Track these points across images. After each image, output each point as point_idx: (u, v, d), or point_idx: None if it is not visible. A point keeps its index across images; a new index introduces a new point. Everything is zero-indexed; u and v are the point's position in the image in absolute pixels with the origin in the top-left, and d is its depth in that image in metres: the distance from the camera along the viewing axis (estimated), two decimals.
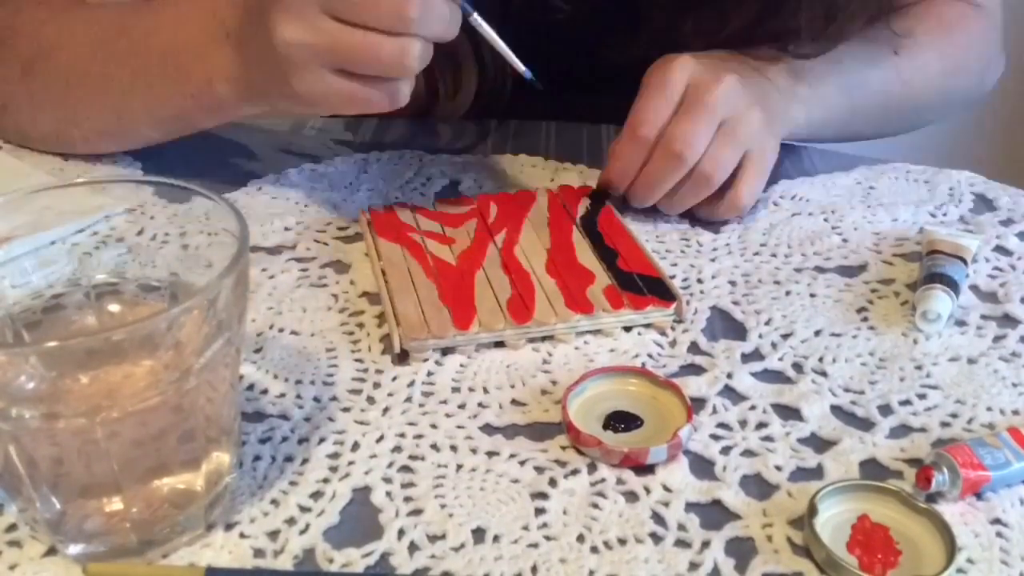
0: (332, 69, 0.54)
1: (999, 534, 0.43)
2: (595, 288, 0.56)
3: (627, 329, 0.55)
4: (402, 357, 0.53)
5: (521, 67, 0.60)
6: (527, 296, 0.55)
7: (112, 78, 0.65)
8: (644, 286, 0.56)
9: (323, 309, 0.57)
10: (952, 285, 0.56)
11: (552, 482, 0.45)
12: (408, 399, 0.50)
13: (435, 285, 0.56)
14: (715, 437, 0.48)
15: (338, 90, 0.54)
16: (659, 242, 0.63)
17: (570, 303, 0.54)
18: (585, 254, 0.59)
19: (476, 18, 0.58)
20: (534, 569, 0.41)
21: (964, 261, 0.58)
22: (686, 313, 0.56)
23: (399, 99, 0.56)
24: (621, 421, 0.48)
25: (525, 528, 0.43)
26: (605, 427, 0.48)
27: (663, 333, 0.55)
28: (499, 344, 0.54)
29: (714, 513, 0.44)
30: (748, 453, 0.47)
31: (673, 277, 0.59)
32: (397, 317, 0.53)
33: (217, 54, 0.60)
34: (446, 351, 0.53)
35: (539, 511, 0.44)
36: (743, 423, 0.49)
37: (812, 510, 0.42)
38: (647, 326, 0.55)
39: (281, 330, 0.55)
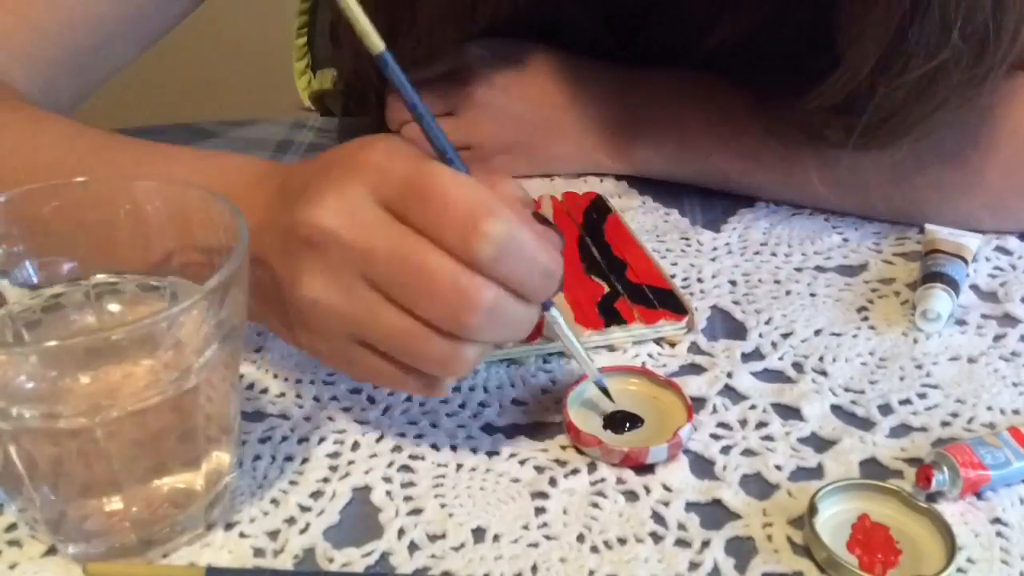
0: (359, 342, 0.43)
1: (999, 533, 0.43)
2: (605, 302, 0.55)
3: (656, 342, 0.54)
4: None
5: (594, 370, 0.48)
6: None
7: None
8: (655, 298, 0.55)
9: None
10: (952, 284, 0.56)
11: (552, 481, 0.45)
12: (408, 398, 0.50)
13: None
14: (715, 436, 0.48)
15: (364, 366, 0.43)
16: (659, 242, 0.63)
17: (580, 319, 0.54)
18: (593, 265, 0.59)
19: (554, 313, 0.46)
20: (534, 569, 0.41)
21: (964, 260, 0.58)
22: (698, 325, 0.55)
23: (437, 392, 0.44)
24: (622, 420, 0.48)
25: (525, 527, 0.43)
26: (605, 427, 0.48)
27: (673, 344, 0.54)
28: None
29: (714, 513, 0.44)
30: (748, 452, 0.47)
31: (673, 277, 0.59)
32: None
33: None
34: None
35: (539, 511, 0.44)
36: (743, 422, 0.49)
37: (812, 509, 0.42)
38: (658, 341, 0.54)
39: None
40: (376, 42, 0.40)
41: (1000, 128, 0.61)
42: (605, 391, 0.49)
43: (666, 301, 0.55)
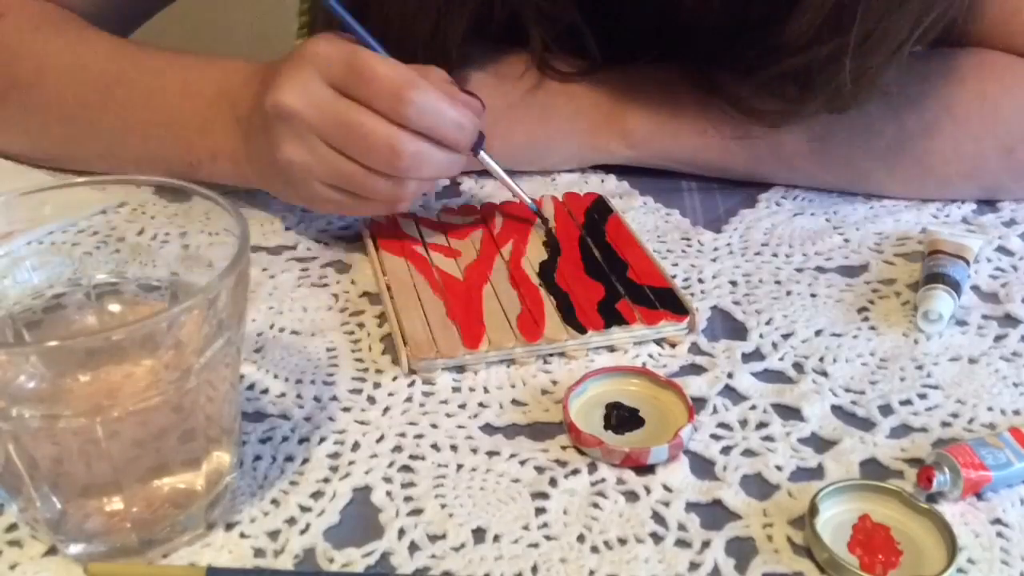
0: (330, 185, 0.55)
1: (1000, 534, 0.43)
2: (605, 302, 0.55)
3: (656, 343, 0.54)
4: (411, 374, 0.52)
5: (528, 200, 0.62)
6: (536, 312, 0.54)
7: (101, 124, 0.64)
8: (656, 299, 0.55)
9: (324, 309, 0.57)
10: (954, 285, 0.56)
11: (552, 482, 0.45)
12: (408, 399, 0.50)
13: (442, 302, 0.55)
14: (715, 437, 0.48)
15: (333, 200, 0.56)
16: (660, 242, 0.63)
17: (582, 319, 0.54)
18: (594, 266, 0.58)
19: (483, 156, 0.59)
20: (534, 569, 0.41)
21: (966, 261, 0.58)
22: (699, 326, 0.55)
23: (399, 209, 0.57)
24: (622, 414, 0.48)
25: (525, 528, 0.43)
26: (606, 423, 0.48)
27: (674, 345, 0.54)
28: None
29: (714, 513, 0.44)
30: (749, 453, 0.47)
31: (674, 277, 0.59)
32: (404, 336, 0.53)
33: (224, 134, 0.60)
34: (455, 368, 0.52)
35: (539, 511, 0.44)
36: (744, 423, 0.49)
37: (813, 510, 0.42)
38: (659, 341, 0.54)
39: (282, 330, 0.55)
40: None
41: (969, 98, 0.65)
42: (540, 214, 0.62)
43: (667, 302, 0.55)
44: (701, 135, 0.67)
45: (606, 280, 0.57)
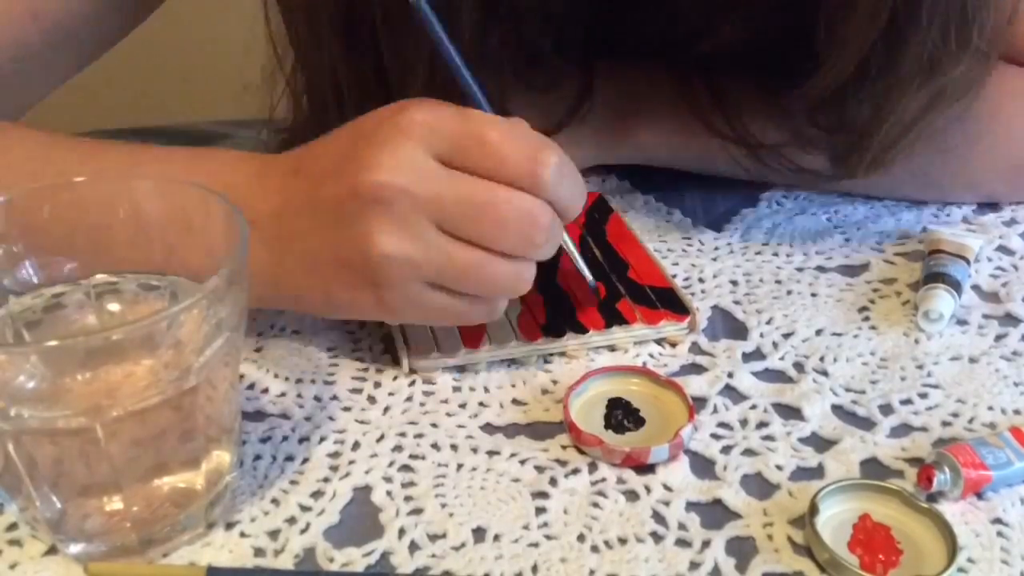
0: (433, 285, 0.46)
1: (1000, 534, 0.43)
2: (606, 302, 0.55)
3: (657, 343, 0.54)
4: (411, 373, 0.52)
5: (590, 278, 0.55)
6: (537, 311, 0.54)
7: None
8: (656, 299, 0.55)
9: None
10: (954, 285, 0.56)
11: (553, 481, 0.45)
12: (409, 398, 0.50)
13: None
14: (716, 436, 0.48)
15: (431, 306, 0.47)
16: (660, 241, 0.63)
17: (582, 318, 0.54)
18: (594, 265, 0.58)
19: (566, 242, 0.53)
20: (535, 568, 0.41)
21: (967, 261, 0.58)
22: (700, 326, 0.55)
23: (494, 316, 0.49)
24: (623, 413, 0.48)
25: (526, 527, 0.43)
26: (607, 422, 0.48)
27: (675, 344, 0.54)
28: None
29: (715, 512, 0.44)
30: (749, 452, 0.47)
31: (674, 276, 0.59)
32: (405, 336, 0.53)
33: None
34: (456, 369, 0.52)
35: (540, 510, 0.44)
36: (744, 422, 0.49)
37: (813, 509, 0.42)
38: (659, 341, 0.54)
39: (282, 329, 0.55)
40: None
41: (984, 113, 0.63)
42: (596, 292, 0.55)
43: (668, 302, 0.55)
44: (715, 146, 0.65)
45: (607, 280, 0.57)
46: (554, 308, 0.54)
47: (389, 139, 0.44)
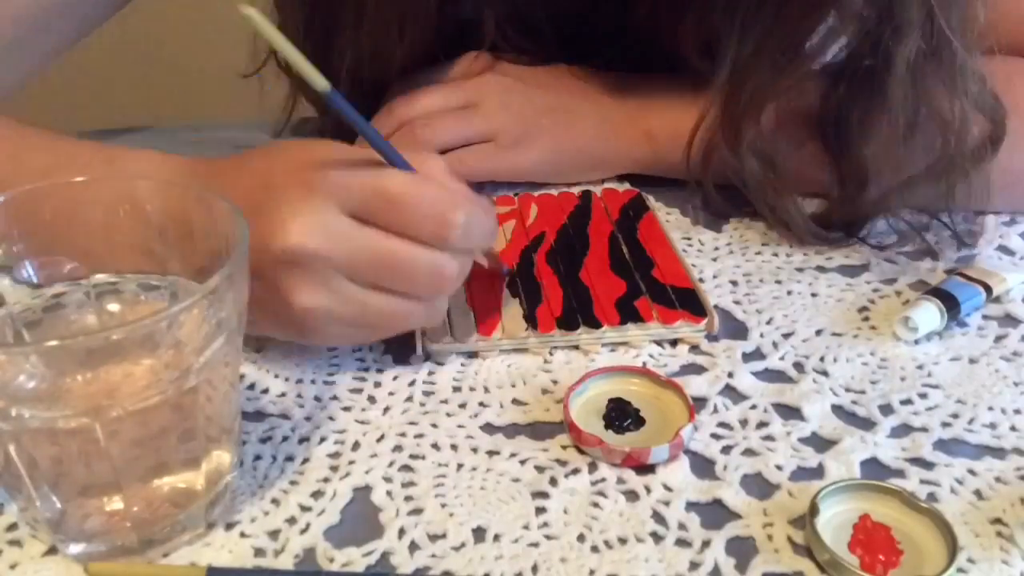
0: (354, 325, 0.48)
1: (999, 533, 0.43)
2: (625, 299, 0.55)
3: (657, 343, 0.54)
4: (425, 357, 0.53)
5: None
6: (555, 304, 0.54)
7: None
8: (676, 299, 0.55)
9: None
10: (948, 301, 0.54)
11: (553, 481, 0.45)
12: (409, 398, 0.50)
13: (464, 288, 0.55)
14: (716, 436, 0.48)
15: (358, 339, 0.51)
16: None
17: (599, 314, 0.54)
18: (620, 262, 0.59)
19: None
20: (535, 568, 0.41)
21: (987, 289, 0.56)
22: (717, 328, 0.55)
23: (430, 323, 0.52)
24: (621, 412, 0.48)
25: (526, 527, 0.43)
26: (607, 422, 0.48)
27: (696, 346, 0.54)
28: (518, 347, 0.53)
29: (715, 512, 0.44)
30: (749, 452, 0.47)
31: (703, 281, 0.59)
32: None
33: None
34: (469, 355, 0.53)
35: (540, 510, 0.44)
36: (744, 422, 0.49)
37: (813, 510, 0.42)
38: (674, 343, 0.54)
39: None
40: (320, 81, 0.43)
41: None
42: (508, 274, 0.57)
43: (687, 302, 0.55)
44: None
45: (628, 277, 0.57)
46: (572, 302, 0.55)
47: (300, 199, 0.45)
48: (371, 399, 0.50)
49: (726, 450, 0.47)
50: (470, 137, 0.67)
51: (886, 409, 0.50)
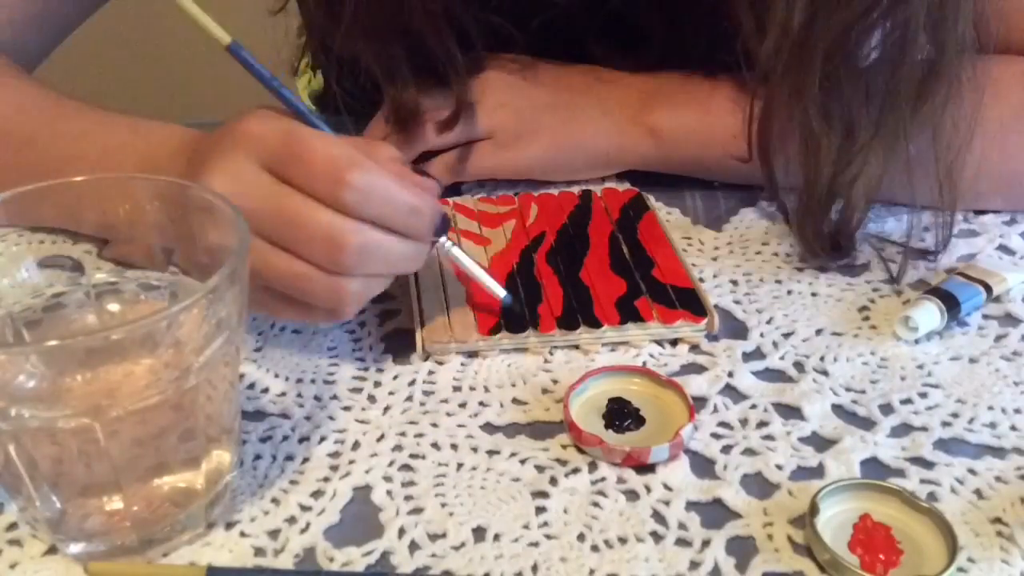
0: (263, 287, 0.47)
1: (999, 533, 0.43)
2: (625, 299, 0.55)
3: (658, 343, 0.54)
4: (425, 356, 0.53)
5: (500, 292, 0.54)
6: (555, 303, 0.54)
7: (5, 182, 0.50)
8: (676, 299, 0.55)
9: None
10: (948, 301, 0.54)
11: (553, 481, 0.45)
12: (409, 398, 0.50)
13: (465, 287, 0.55)
14: (716, 436, 0.48)
15: (270, 305, 0.49)
16: None
17: (599, 313, 0.54)
18: (620, 262, 0.59)
19: (446, 245, 0.53)
20: (535, 568, 0.41)
21: (987, 288, 0.56)
22: (717, 328, 0.55)
23: (341, 319, 0.49)
24: (621, 412, 0.48)
25: (526, 527, 0.43)
26: (607, 422, 0.48)
27: (696, 346, 0.54)
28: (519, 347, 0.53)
29: (715, 512, 0.44)
30: (749, 452, 0.47)
31: (703, 281, 0.59)
32: (422, 319, 0.53)
33: None
34: (470, 355, 0.53)
35: (540, 510, 0.44)
36: (744, 422, 0.49)
37: (813, 509, 0.42)
38: (674, 342, 0.54)
39: (282, 329, 0.55)
40: (222, 35, 0.45)
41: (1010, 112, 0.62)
42: (517, 307, 0.54)
43: (688, 302, 0.55)
44: (730, 140, 0.65)
45: (629, 277, 0.57)
46: (572, 302, 0.55)
47: (225, 149, 0.47)
48: (371, 399, 0.50)
49: (726, 450, 0.47)
50: (470, 135, 0.67)
51: (886, 409, 0.50)
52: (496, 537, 0.42)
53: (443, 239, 0.52)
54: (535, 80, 0.69)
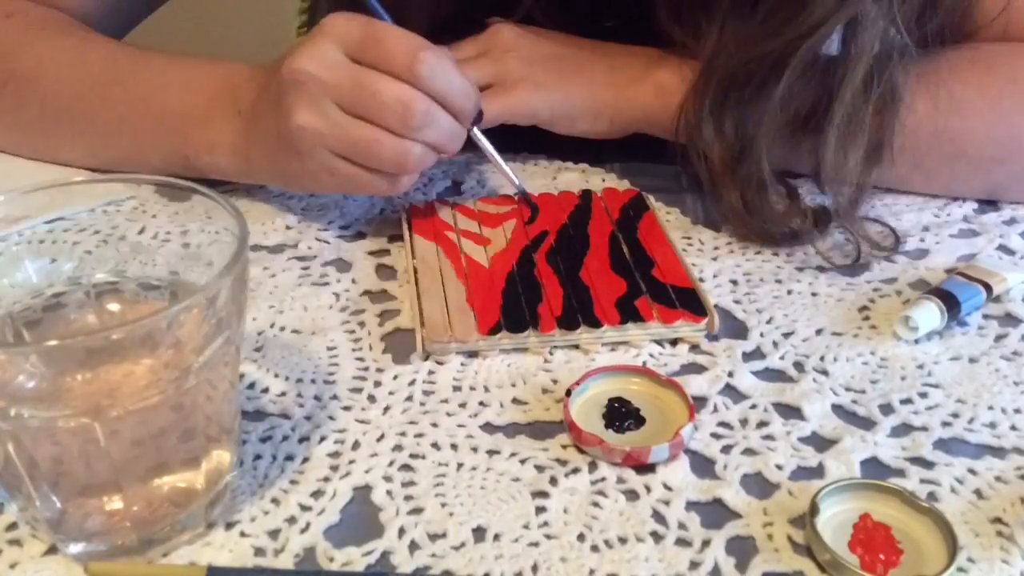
0: (338, 155, 0.56)
1: (999, 533, 0.43)
2: (625, 299, 0.55)
3: (658, 342, 0.54)
4: (425, 356, 0.53)
5: (515, 180, 0.64)
6: (555, 303, 0.54)
7: (96, 120, 0.66)
8: (676, 299, 0.55)
9: (324, 308, 0.57)
10: (948, 301, 0.54)
11: (553, 481, 0.45)
12: (409, 398, 0.50)
13: (464, 287, 0.56)
14: (716, 436, 0.48)
15: (342, 173, 0.57)
16: None
17: (599, 313, 0.54)
18: (620, 262, 0.59)
19: (475, 132, 0.62)
20: (535, 568, 0.41)
21: (987, 288, 0.56)
22: (717, 328, 0.55)
23: (398, 189, 0.59)
24: (621, 411, 0.48)
25: (526, 527, 0.43)
26: (607, 422, 0.48)
27: (696, 346, 0.54)
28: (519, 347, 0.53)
29: (715, 512, 0.44)
30: (749, 452, 0.47)
31: (703, 281, 0.59)
32: (423, 318, 0.53)
33: (223, 126, 0.62)
34: (470, 354, 0.53)
35: (540, 510, 0.44)
36: (744, 422, 0.49)
37: (813, 509, 0.42)
38: (674, 342, 0.54)
39: (282, 328, 0.55)
40: None
41: (1001, 83, 0.64)
42: (526, 197, 0.65)
43: (688, 302, 0.55)
44: None
45: (629, 277, 0.57)
46: (572, 301, 0.55)
47: (313, 37, 0.56)
48: (371, 398, 0.50)
49: (726, 449, 0.47)
50: (478, 81, 0.66)
51: (886, 408, 0.50)
52: (496, 537, 0.42)
53: (475, 128, 0.62)
54: (545, 35, 0.70)
